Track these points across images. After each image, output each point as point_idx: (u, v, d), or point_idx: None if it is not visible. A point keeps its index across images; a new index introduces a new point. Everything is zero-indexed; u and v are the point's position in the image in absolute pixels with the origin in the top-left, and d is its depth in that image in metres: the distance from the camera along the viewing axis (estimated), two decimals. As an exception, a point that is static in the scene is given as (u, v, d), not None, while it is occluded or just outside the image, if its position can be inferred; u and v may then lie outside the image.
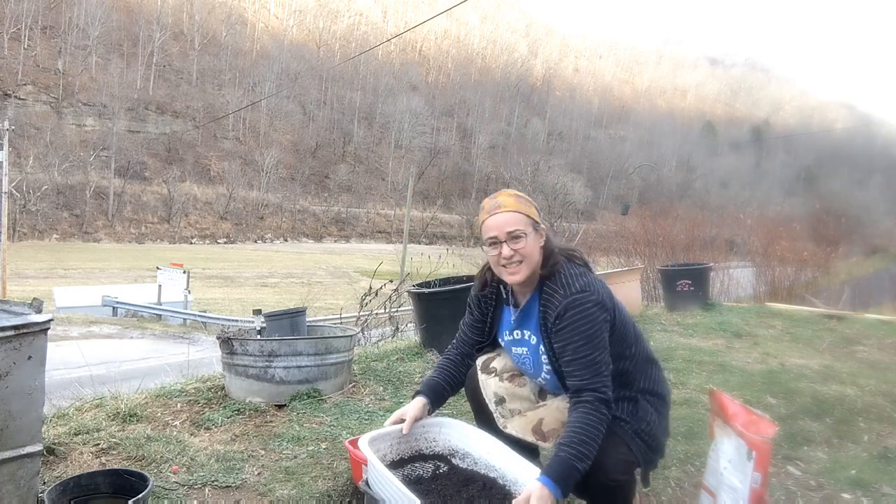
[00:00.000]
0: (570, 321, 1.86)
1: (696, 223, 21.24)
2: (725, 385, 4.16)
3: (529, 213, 1.96)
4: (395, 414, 2.04)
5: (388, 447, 1.97)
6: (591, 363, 1.84)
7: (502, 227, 1.94)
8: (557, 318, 1.89)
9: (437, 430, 2.06)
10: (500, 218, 1.95)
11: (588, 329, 1.85)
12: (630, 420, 1.92)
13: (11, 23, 62.87)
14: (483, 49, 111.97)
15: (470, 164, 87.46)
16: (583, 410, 1.81)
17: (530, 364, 2.06)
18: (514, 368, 2.14)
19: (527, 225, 1.94)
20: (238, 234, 65.58)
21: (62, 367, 8.09)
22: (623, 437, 1.88)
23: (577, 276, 1.93)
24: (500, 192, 2.02)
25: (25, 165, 52.04)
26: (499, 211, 1.96)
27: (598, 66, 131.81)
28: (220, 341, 3.46)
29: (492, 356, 2.17)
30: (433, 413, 2.10)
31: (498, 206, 1.96)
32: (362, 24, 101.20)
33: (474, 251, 30.94)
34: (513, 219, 1.94)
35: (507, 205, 1.96)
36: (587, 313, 1.86)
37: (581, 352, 1.84)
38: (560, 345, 1.89)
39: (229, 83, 76.57)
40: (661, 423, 1.99)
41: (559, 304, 1.89)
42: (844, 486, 2.73)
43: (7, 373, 1.89)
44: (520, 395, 2.09)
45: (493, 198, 2.00)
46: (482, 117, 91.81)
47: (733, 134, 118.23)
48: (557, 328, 1.89)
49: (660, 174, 76.93)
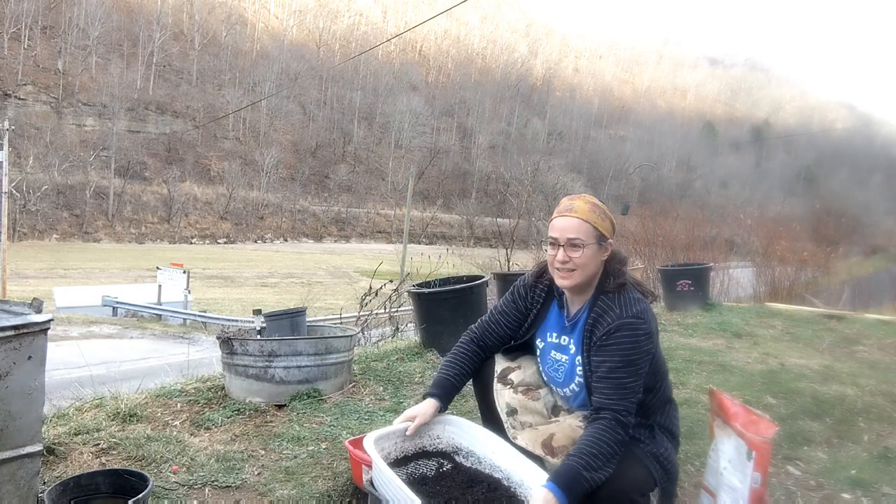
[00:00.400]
0: (618, 341, 1.86)
1: (696, 223, 21.23)
2: (725, 385, 4.16)
3: (598, 225, 1.93)
4: (406, 413, 2.04)
5: (393, 445, 1.98)
6: (622, 386, 1.84)
7: (564, 231, 1.94)
8: (606, 334, 1.89)
9: (441, 428, 2.06)
10: (566, 222, 1.94)
11: (631, 354, 1.85)
12: (648, 442, 1.92)
13: (11, 23, 62.86)
14: (483, 49, 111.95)
15: (470, 164, 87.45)
16: (599, 426, 1.80)
17: (564, 372, 2.05)
18: (530, 382, 2.12)
19: (590, 236, 1.92)
20: (238, 234, 65.59)
21: (62, 367, 8.10)
22: (642, 458, 1.88)
23: (636, 302, 1.93)
24: (581, 196, 2.00)
25: (25, 165, 52.04)
26: (568, 214, 1.94)
27: (598, 66, 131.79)
28: (220, 341, 3.46)
29: (511, 367, 2.15)
30: (444, 412, 2.10)
31: (570, 209, 1.95)
32: (362, 24, 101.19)
33: (474, 251, 30.96)
34: (577, 226, 1.92)
35: (578, 210, 1.94)
36: (636, 339, 1.86)
37: (616, 373, 1.85)
38: (599, 360, 1.89)
39: (229, 83, 76.57)
40: (674, 458, 1.99)
41: (612, 321, 1.89)
42: (844, 486, 2.73)
43: (7, 373, 1.89)
44: (532, 408, 2.08)
45: (571, 199, 1.99)
46: (482, 117, 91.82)
47: (733, 134, 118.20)
48: (603, 343, 1.89)
49: (660, 174, 76.90)
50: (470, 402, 3.34)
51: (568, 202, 1.98)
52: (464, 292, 4.76)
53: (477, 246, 51.99)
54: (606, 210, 1.98)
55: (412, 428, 1.98)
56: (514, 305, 2.16)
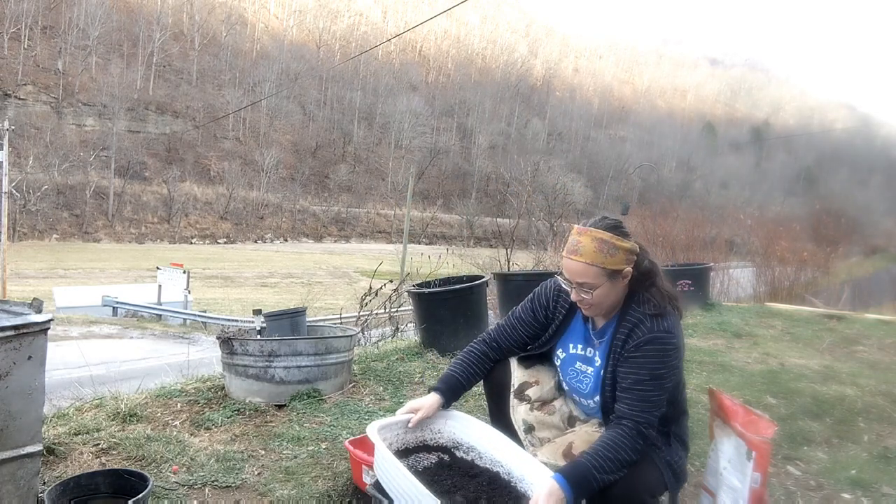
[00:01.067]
0: (646, 354, 1.86)
1: (696, 223, 21.26)
2: (725, 385, 4.16)
3: (606, 264, 1.86)
4: (410, 404, 2.03)
5: (395, 436, 1.98)
6: (646, 399, 1.84)
7: (573, 275, 1.91)
8: (636, 346, 1.88)
9: (442, 422, 2.06)
10: (573, 265, 1.90)
11: (659, 368, 1.85)
12: (664, 450, 1.92)
13: (11, 23, 62.85)
14: (483, 49, 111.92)
15: (470, 164, 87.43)
16: (620, 431, 1.80)
17: (587, 384, 2.03)
18: (546, 398, 2.11)
19: (598, 277, 1.87)
20: (238, 234, 65.58)
21: (62, 367, 8.10)
22: (657, 462, 1.88)
23: (668, 316, 1.91)
24: (587, 232, 1.90)
25: (25, 165, 52.03)
26: (573, 258, 1.90)
27: (598, 66, 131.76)
28: (220, 341, 3.46)
29: (529, 382, 2.13)
30: (448, 409, 2.09)
31: (576, 251, 1.89)
32: (362, 24, 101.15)
33: (474, 251, 30.93)
34: (584, 271, 1.88)
35: (584, 253, 1.88)
36: (665, 354, 1.86)
37: (642, 385, 1.84)
38: (625, 371, 1.88)
39: (229, 83, 76.55)
40: (685, 466, 2.00)
41: (643, 334, 1.88)
42: (844, 486, 2.73)
43: (7, 373, 1.89)
44: (549, 423, 2.07)
45: (580, 233, 1.91)
46: (482, 117, 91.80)
47: (733, 134, 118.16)
48: (631, 355, 1.88)
49: (660, 174, 76.89)
50: (470, 402, 3.34)
51: (575, 239, 1.91)
52: (464, 292, 4.76)
53: (477, 246, 51.98)
54: (617, 240, 1.88)
55: (414, 420, 1.98)
56: (534, 315, 2.14)
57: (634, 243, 1.93)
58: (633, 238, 1.94)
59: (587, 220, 1.95)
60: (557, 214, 44.28)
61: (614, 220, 1.96)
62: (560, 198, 59.31)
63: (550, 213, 41.05)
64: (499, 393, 2.16)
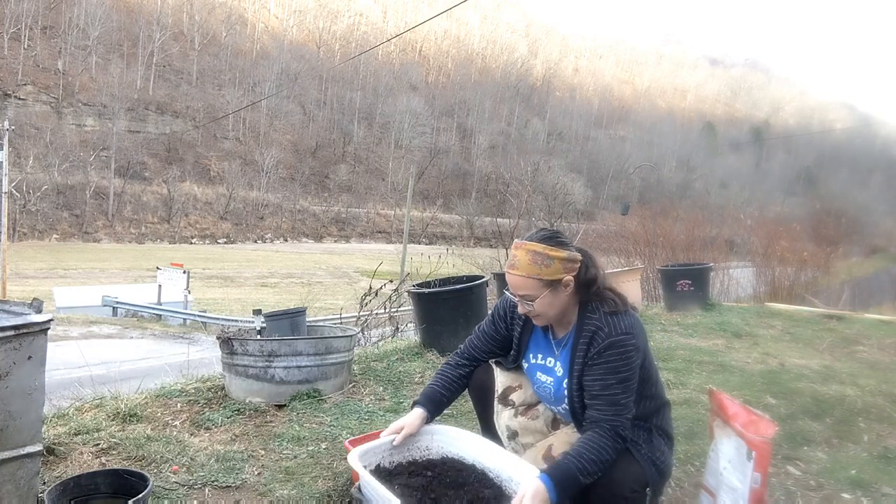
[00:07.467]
0: (609, 359, 1.88)
1: (696, 223, 21.24)
2: (725, 385, 4.16)
3: (543, 275, 1.89)
4: (393, 425, 2.05)
5: (382, 458, 1.99)
6: (616, 402, 1.86)
7: (514, 288, 1.96)
8: (598, 353, 1.90)
9: (429, 438, 2.08)
10: (511, 280, 1.95)
11: (624, 371, 1.87)
12: (645, 446, 1.93)
13: (11, 23, 62.84)
14: (483, 49, 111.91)
15: (470, 164, 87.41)
16: (597, 432, 1.83)
17: (551, 394, 2.06)
18: (531, 401, 2.13)
19: (537, 287, 1.91)
20: (238, 234, 65.55)
21: (62, 367, 8.10)
22: (637, 458, 1.89)
23: (623, 316, 1.93)
24: (522, 245, 1.95)
25: (25, 165, 52.02)
26: (511, 272, 1.95)
27: (598, 66, 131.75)
28: (220, 341, 3.46)
29: (512, 386, 2.16)
30: (432, 422, 2.12)
31: (513, 265, 1.95)
32: (362, 24, 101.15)
33: (474, 251, 30.95)
34: (521, 283, 1.92)
35: (519, 266, 1.92)
36: (627, 356, 1.88)
37: (611, 390, 1.87)
38: (591, 378, 1.90)
39: (229, 83, 76.54)
40: (669, 461, 2.00)
41: (603, 340, 1.90)
42: (844, 486, 2.73)
43: (7, 373, 1.89)
44: (532, 428, 2.10)
45: (515, 248, 1.96)
46: (482, 117, 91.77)
47: (733, 134, 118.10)
48: (594, 362, 1.90)
49: (660, 174, 76.79)
50: (466, 404, 3.34)
51: (512, 253, 1.96)
52: (464, 292, 4.76)
53: (477, 246, 52.00)
54: (551, 251, 1.90)
55: (399, 438, 1.99)
56: (495, 328, 2.19)
57: (574, 252, 1.95)
58: (572, 247, 1.97)
59: (526, 234, 2.00)
60: (557, 214, 44.30)
61: (551, 231, 1.99)
62: (560, 198, 59.32)
63: (550, 213, 41.06)
64: (483, 397, 2.20)
